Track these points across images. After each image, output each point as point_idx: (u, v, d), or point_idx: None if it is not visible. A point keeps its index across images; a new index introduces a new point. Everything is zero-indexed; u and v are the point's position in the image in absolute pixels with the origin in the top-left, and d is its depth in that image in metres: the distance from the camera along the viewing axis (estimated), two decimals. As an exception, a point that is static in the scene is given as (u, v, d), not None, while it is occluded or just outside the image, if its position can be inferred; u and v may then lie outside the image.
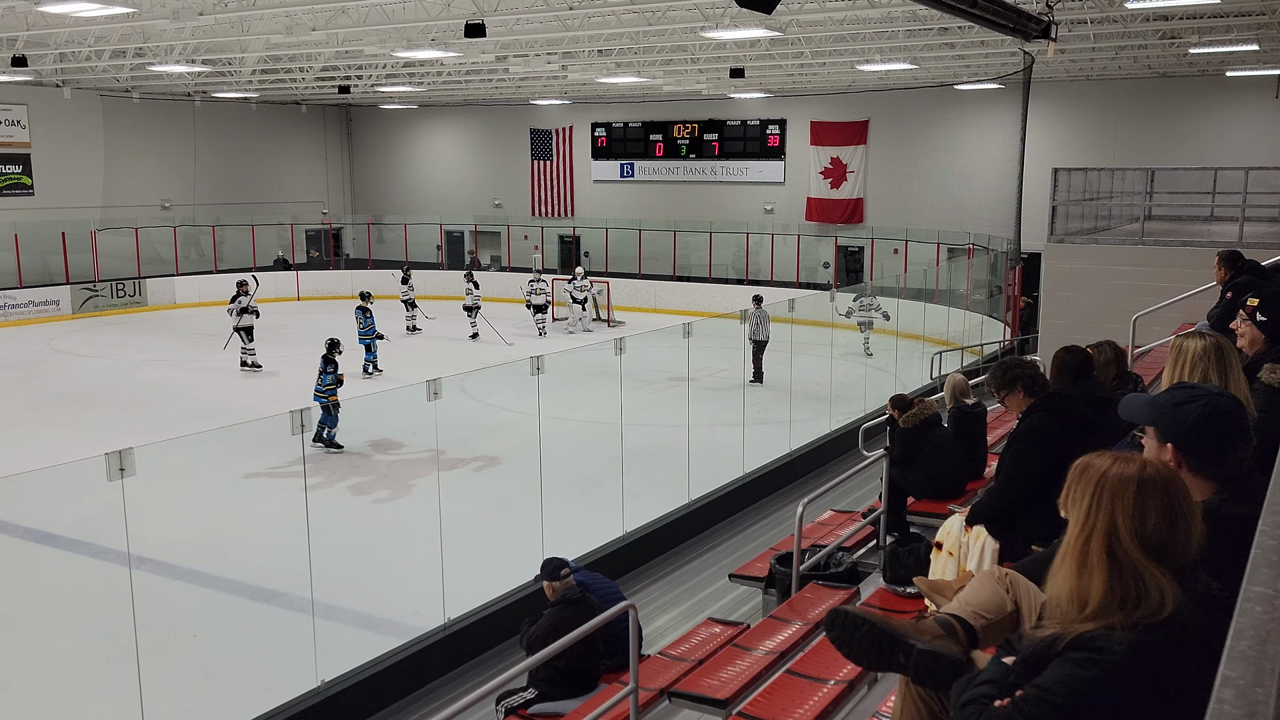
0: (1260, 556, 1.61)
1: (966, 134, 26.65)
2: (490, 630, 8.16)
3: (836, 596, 6.18)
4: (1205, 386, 2.62)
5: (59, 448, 13.75)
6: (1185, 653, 1.80)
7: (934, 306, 22.69)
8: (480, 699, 4.75)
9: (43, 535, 11.41)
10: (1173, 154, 22.77)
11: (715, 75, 23.12)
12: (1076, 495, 1.97)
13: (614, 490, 10.45)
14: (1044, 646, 1.90)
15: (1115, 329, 8.37)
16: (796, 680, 4.92)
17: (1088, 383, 4.80)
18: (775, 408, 15.23)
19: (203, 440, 12.92)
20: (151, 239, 29.63)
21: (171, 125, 30.70)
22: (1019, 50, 18.12)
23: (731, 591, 8.48)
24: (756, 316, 18.55)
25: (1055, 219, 15.67)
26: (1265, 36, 16.79)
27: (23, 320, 25.79)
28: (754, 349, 18.58)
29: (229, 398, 17.62)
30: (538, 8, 15.16)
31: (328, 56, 20.99)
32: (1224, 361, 3.22)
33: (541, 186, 33.26)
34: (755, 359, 18.56)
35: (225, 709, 7.66)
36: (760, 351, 18.56)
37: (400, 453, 14.70)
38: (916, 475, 7.30)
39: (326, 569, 8.38)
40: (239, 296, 20.39)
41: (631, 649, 5.23)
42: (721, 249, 29.14)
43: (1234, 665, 1.31)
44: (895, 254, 27.09)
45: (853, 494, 10.04)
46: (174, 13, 14.78)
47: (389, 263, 32.31)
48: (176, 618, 9.10)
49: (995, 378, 4.82)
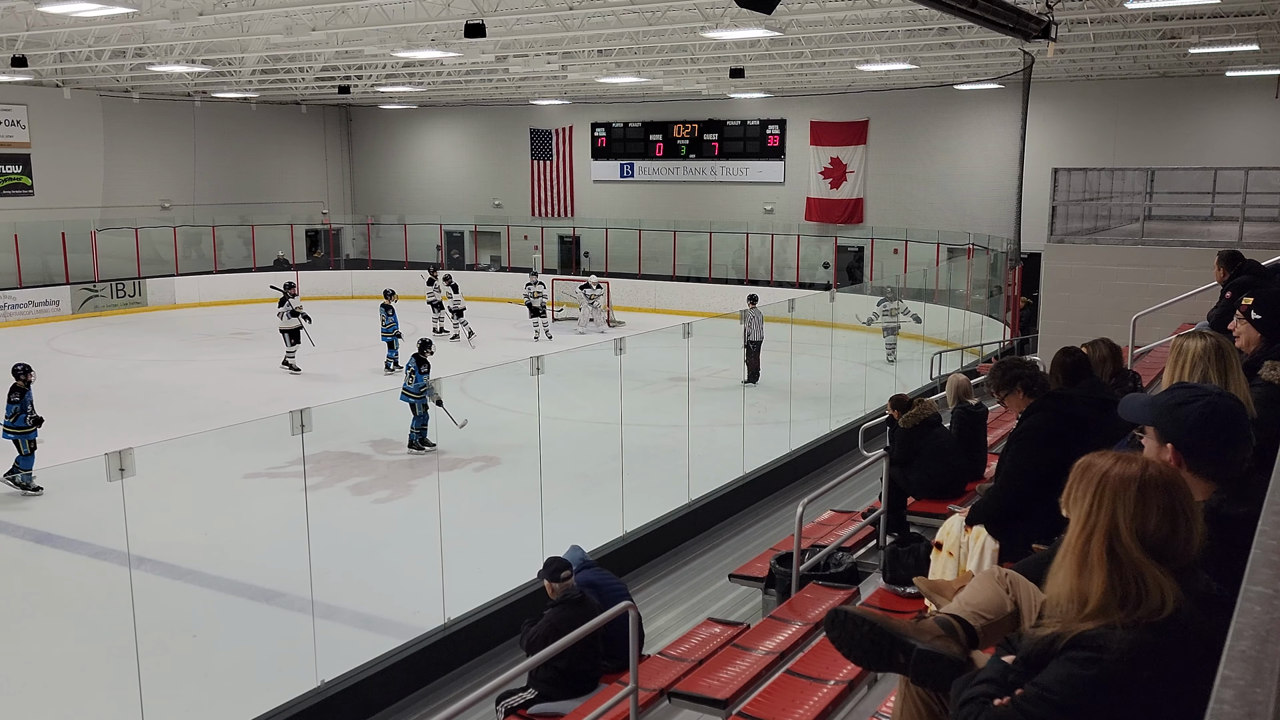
0: (1260, 556, 1.62)
1: (966, 134, 26.65)
2: (490, 630, 8.16)
3: (836, 596, 6.18)
4: (1205, 386, 2.62)
5: (59, 448, 13.76)
6: (1185, 652, 1.80)
7: (934, 306, 22.70)
8: (480, 699, 4.75)
9: (43, 535, 11.42)
10: (1173, 154, 22.77)
11: (715, 75, 23.12)
12: (1078, 494, 1.97)
13: (614, 490, 10.46)
14: (1044, 645, 1.90)
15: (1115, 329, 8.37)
16: (796, 680, 4.92)
17: (1088, 383, 4.79)
18: (775, 408, 15.24)
19: (203, 440, 12.93)
20: (151, 239, 29.64)
21: (171, 125, 30.70)
22: (1019, 50, 18.12)
23: (731, 591, 8.48)
24: (751, 316, 18.49)
25: (1055, 219, 15.67)
26: (1265, 36, 16.79)
27: (23, 320, 25.79)
28: (748, 350, 18.55)
29: (229, 398, 17.61)
30: (538, 8, 15.16)
31: (328, 56, 21.00)
32: (1224, 361, 3.22)
33: (541, 186, 33.26)
34: (751, 360, 18.51)
35: (225, 709, 7.66)
36: (756, 352, 18.51)
37: (400, 453, 14.69)
38: (916, 475, 7.30)
39: (326, 569, 8.38)
40: (288, 299, 20.52)
41: (631, 649, 5.23)
42: (721, 249, 29.14)
43: (1234, 665, 1.31)
44: (895, 254, 27.09)
45: (853, 494, 10.04)
46: (174, 13, 14.78)
47: (389, 263, 32.36)
48: (176, 618, 9.09)
49: (995, 378, 4.82)
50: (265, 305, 29.15)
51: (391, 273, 31.48)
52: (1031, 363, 4.88)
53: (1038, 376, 4.74)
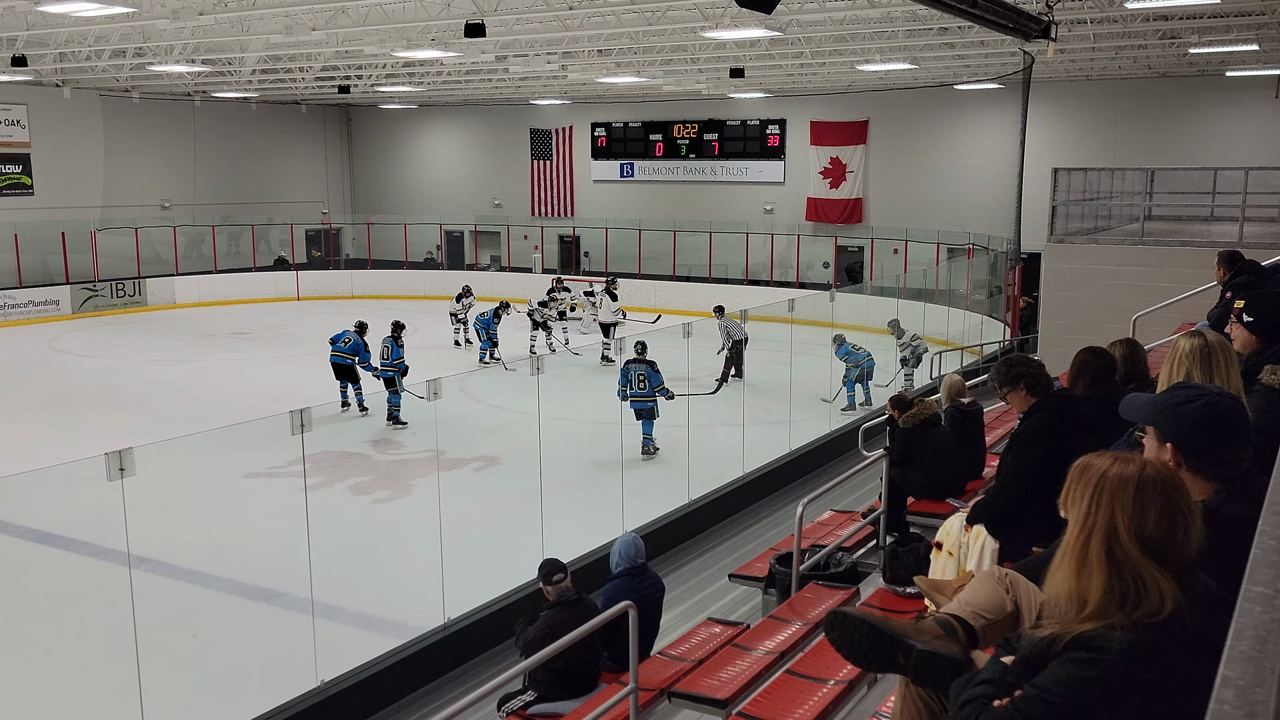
0: (1260, 556, 1.61)
1: (966, 134, 26.65)
2: (490, 630, 8.15)
3: (836, 597, 6.18)
4: (1205, 386, 2.62)
5: (59, 448, 13.75)
6: (1185, 653, 1.79)
7: (934, 306, 22.68)
8: (480, 699, 4.75)
9: (43, 535, 11.41)
10: (1173, 154, 22.77)
11: (715, 75, 23.11)
12: (1076, 495, 1.97)
13: (614, 490, 10.46)
14: (1043, 646, 1.90)
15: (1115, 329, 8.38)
16: (796, 680, 4.92)
17: (1106, 387, 4.72)
18: (775, 408, 15.23)
19: (203, 440, 12.92)
20: (151, 239, 29.63)
21: (171, 125, 30.70)
22: (1019, 50, 18.12)
23: (731, 591, 8.48)
24: (728, 324, 18.42)
25: (1055, 219, 15.66)
26: (1265, 36, 16.79)
27: (23, 320, 25.79)
28: (734, 350, 18.54)
29: (229, 398, 17.61)
30: (538, 8, 15.16)
31: (328, 56, 21.00)
32: (1209, 361, 3.22)
33: (541, 186, 33.26)
34: (736, 359, 18.58)
35: (225, 709, 7.65)
36: (741, 350, 18.53)
37: (400, 453, 14.69)
38: (916, 475, 7.30)
39: (326, 569, 8.38)
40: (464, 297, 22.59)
41: (631, 649, 5.24)
42: (721, 249, 29.14)
43: (1234, 665, 1.31)
44: (895, 254, 27.09)
45: (853, 494, 10.04)
46: (174, 13, 14.78)
47: (389, 263, 32.37)
48: (176, 618, 9.09)
49: (999, 373, 4.81)
50: (265, 305, 29.29)
51: (392, 273, 31.60)
52: (1038, 362, 4.86)
53: (1042, 375, 4.72)
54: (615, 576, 6.40)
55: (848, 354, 16.56)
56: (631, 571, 6.37)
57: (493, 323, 20.64)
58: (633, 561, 6.41)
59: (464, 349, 22.59)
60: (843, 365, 16.63)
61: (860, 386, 16.78)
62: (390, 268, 31.98)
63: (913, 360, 17.92)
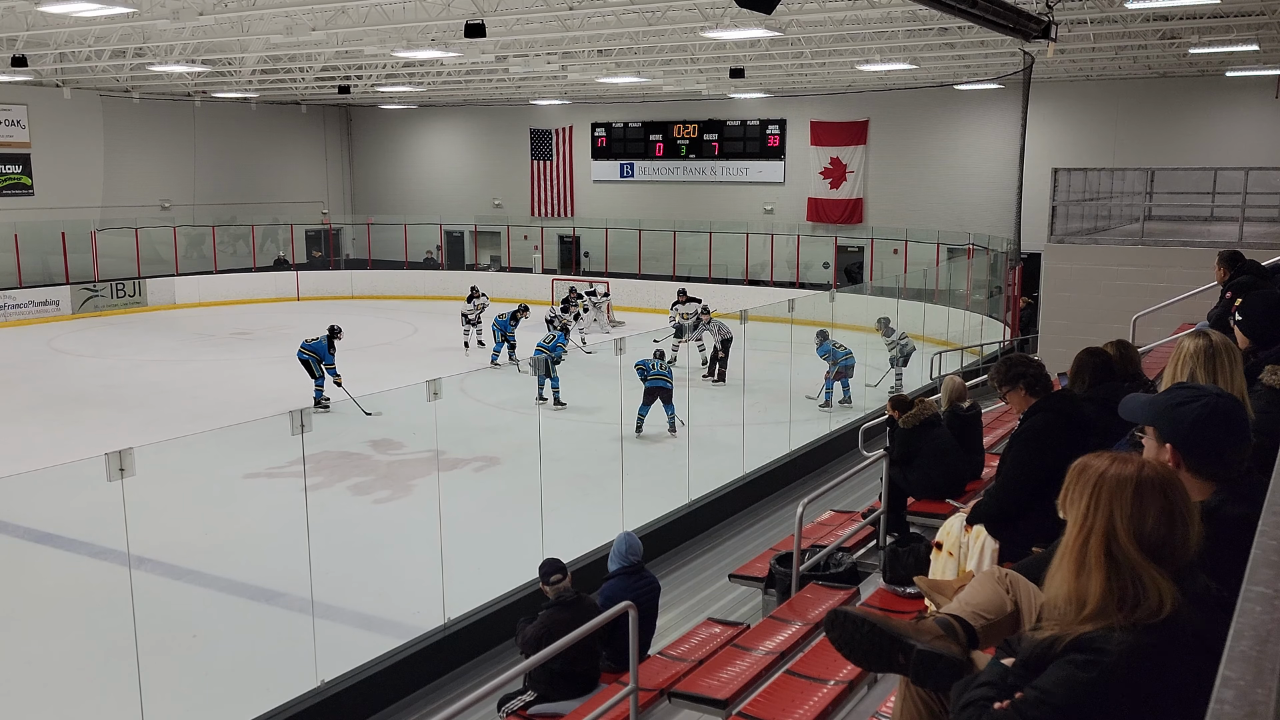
0: (1260, 556, 1.61)
1: (966, 134, 26.65)
2: (490, 631, 8.16)
3: (836, 597, 6.18)
4: (1205, 387, 2.62)
5: (59, 448, 13.76)
6: (1184, 654, 1.79)
7: (934, 306, 22.68)
8: (480, 699, 4.75)
9: (43, 535, 11.41)
10: (1173, 154, 22.77)
11: (715, 75, 23.11)
12: (1074, 496, 1.97)
13: (614, 490, 10.46)
14: (1043, 648, 1.90)
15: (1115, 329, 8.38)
16: (796, 680, 4.92)
17: (1107, 387, 4.74)
18: (775, 408, 15.24)
19: (203, 440, 12.94)
20: (151, 239, 29.63)
21: (171, 125, 30.70)
22: (1019, 50, 18.12)
23: (731, 591, 8.48)
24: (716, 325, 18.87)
25: (1055, 219, 15.67)
26: (1265, 36, 16.79)
27: (23, 320, 25.79)
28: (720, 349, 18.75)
29: (229, 398, 17.61)
30: (538, 8, 15.15)
31: (328, 56, 21.00)
32: (1213, 361, 3.22)
33: (541, 186, 33.26)
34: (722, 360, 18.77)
35: (225, 709, 7.66)
36: (727, 350, 18.71)
37: (400, 453, 14.69)
38: (916, 475, 7.29)
39: (326, 569, 8.38)
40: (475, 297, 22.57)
41: (631, 649, 5.23)
42: (721, 249, 29.13)
43: (1234, 666, 1.30)
44: (895, 254, 27.09)
45: (853, 494, 10.04)
46: (174, 13, 14.78)
47: (389, 263, 32.37)
48: (176, 618, 9.09)
49: (999, 373, 4.80)
50: (265, 305, 29.29)
51: (392, 273, 31.60)
52: (1038, 362, 4.85)
53: (1042, 376, 4.72)
54: (612, 575, 6.40)
55: (829, 351, 16.66)
56: (629, 570, 6.38)
57: (510, 325, 20.63)
58: (630, 560, 6.41)
59: (469, 352, 21.91)
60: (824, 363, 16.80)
61: (840, 384, 16.82)
62: (390, 268, 31.99)
63: (900, 360, 17.88)
